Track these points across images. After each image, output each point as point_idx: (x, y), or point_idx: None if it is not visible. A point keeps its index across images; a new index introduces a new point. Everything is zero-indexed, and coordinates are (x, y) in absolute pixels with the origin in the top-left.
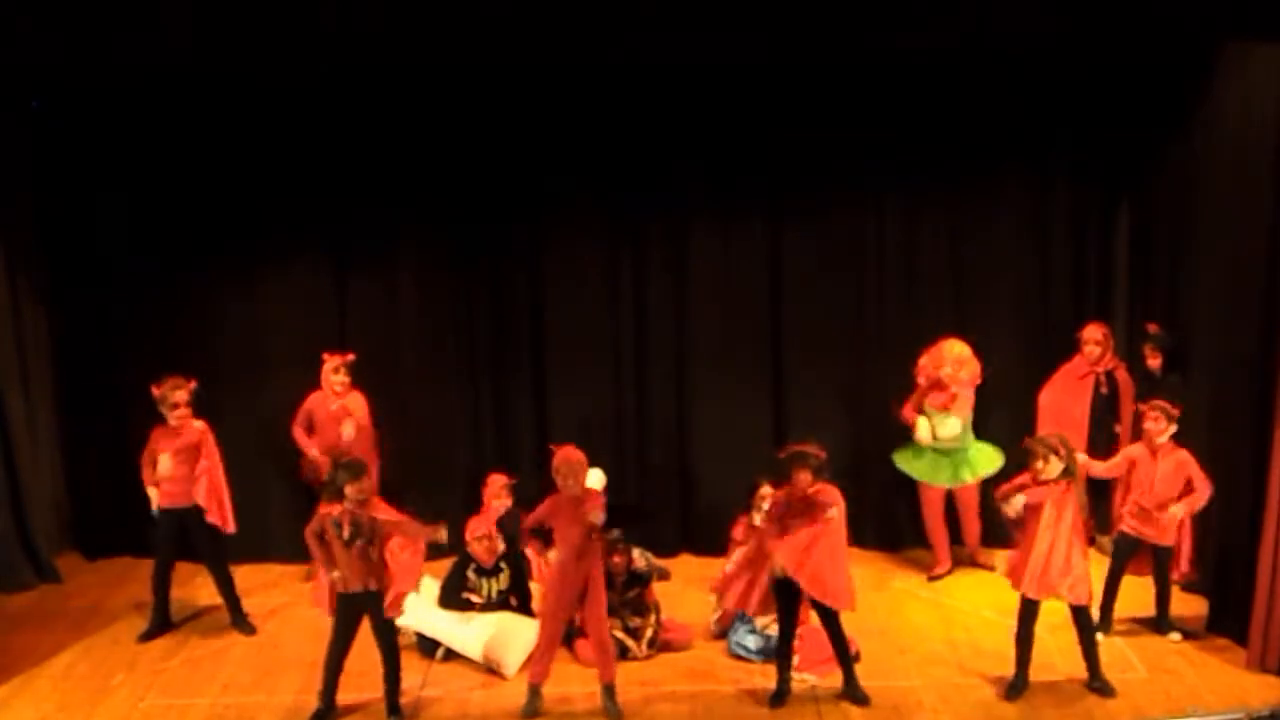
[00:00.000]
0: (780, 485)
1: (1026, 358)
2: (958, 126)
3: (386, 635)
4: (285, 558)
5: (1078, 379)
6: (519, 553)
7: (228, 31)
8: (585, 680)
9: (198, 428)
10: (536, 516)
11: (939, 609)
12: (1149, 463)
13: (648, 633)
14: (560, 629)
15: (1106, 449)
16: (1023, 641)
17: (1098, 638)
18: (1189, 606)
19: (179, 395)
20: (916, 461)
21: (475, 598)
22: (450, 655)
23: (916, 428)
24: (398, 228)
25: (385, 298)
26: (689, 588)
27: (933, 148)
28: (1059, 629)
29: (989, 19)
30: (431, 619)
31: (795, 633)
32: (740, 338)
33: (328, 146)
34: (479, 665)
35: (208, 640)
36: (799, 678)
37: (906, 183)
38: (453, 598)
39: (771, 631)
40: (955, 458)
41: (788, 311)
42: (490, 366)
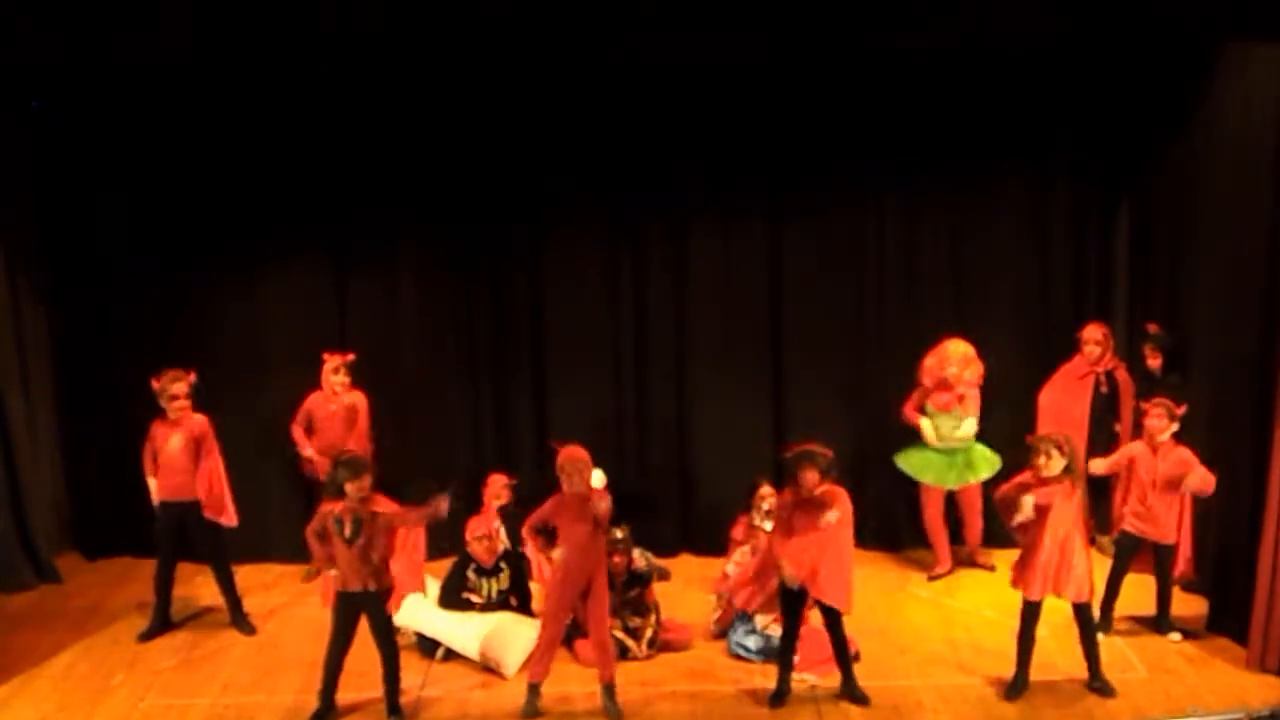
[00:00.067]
0: (786, 485)
1: (1026, 358)
2: (958, 126)
3: (386, 635)
4: (285, 558)
5: (1078, 379)
6: (519, 553)
7: (228, 31)
8: (585, 680)
9: (198, 420)
10: (540, 515)
11: (939, 609)
12: (1150, 460)
13: (648, 633)
14: (562, 629)
15: (1106, 449)
16: (1024, 641)
17: (1099, 638)
18: (1189, 606)
19: (178, 387)
20: (920, 463)
21: (475, 598)
22: (450, 655)
23: (923, 429)
24: (398, 228)
25: (385, 298)
26: (689, 588)
27: (933, 148)
28: (1059, 629)
29: (989, 19)
30: (431, 619)
31: (798, 634)
32: (740, 338)
33: (328, 146)
34: (479, 665)
35: (208, 640)
36: (799, 678)
37: (906, 183)
38: (453, 598)
39: (771, 631)
40: (958, 458)
41: (788, 311)
42: (490, 366)
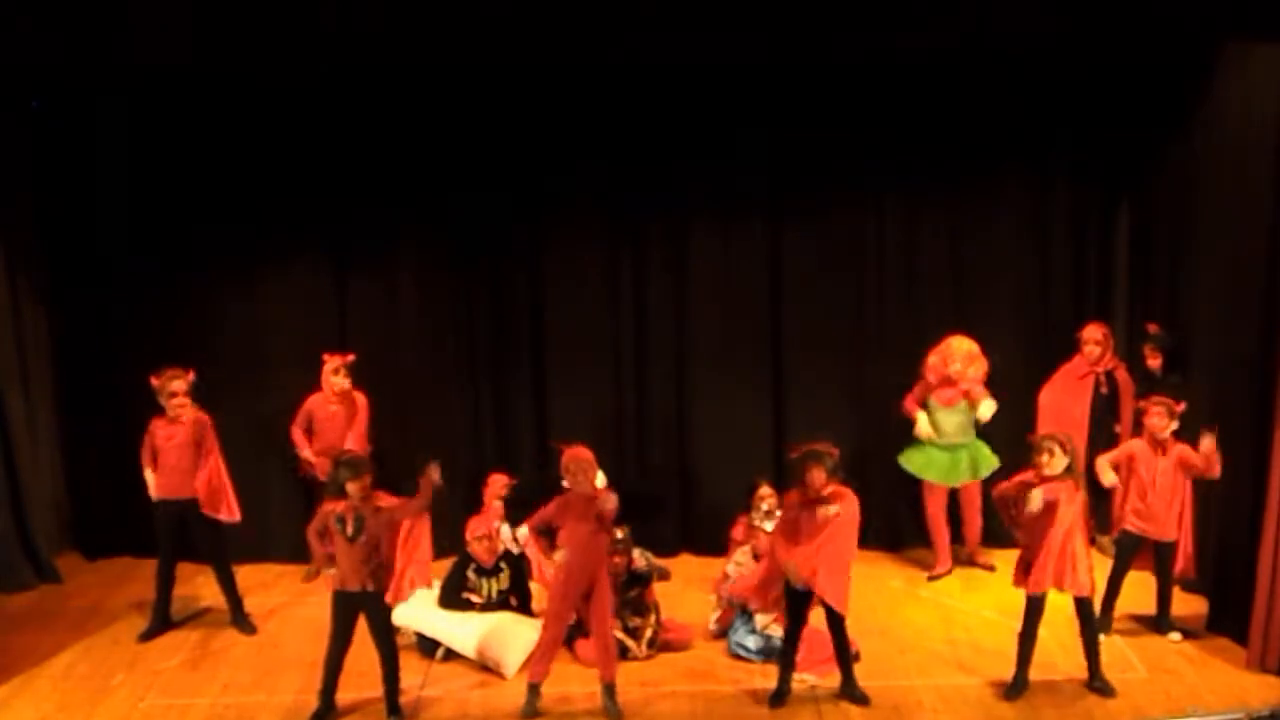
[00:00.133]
0: (794, 485)
1: (1026, 358)
2: (958, 126)
3: (385, 635)
4: (285, 558)
5: (1078, 379)
6: (519, 553)
7: (228, 31)
8: (585, 680)
9: (198, 418)
10: (544, 516)
11: (939, 609)
12: (1151, 458)
13: (648, 633)
14: (564, 629)
15: (1106, 449)
16: (1026, 640)
17: (1099, 637)
18: (1189, 606)
19: (177, 385)
20: (923, 461)
21: (475, 598)
22: (450, 655)
23: (917, 422)
24: (398, 228)
25: (385, 298)
26: (689, 588)
27: (933, 148)
28: (1059, 628)
29: (989, 19)
30: (431, 619)
31: (801, 634)
32: (740, 338)
33: (328, 146)
34: (479, 665)
35: (208, 640)
36: (799, 678)
37: (906, 183)
38: (453, 598)
39: (771, 631)
40: (962, 456)
41: (788, 311)
42: (490, 366)
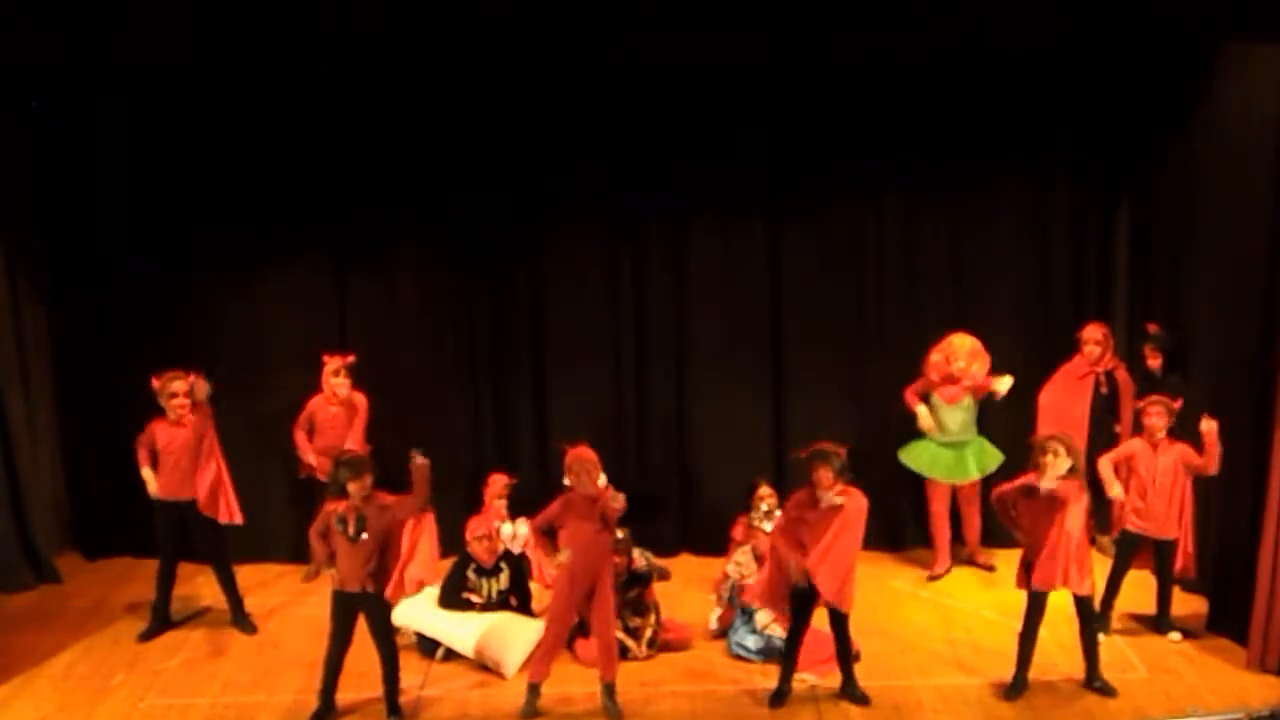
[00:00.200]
0: (801, 484)
1: (1026, 358)
2: (958, 126)
3: (385, 635)
4: (285, 558)
5: (1078, 379)
6: (519, 553)
7: (228, 31)
8: (585, 680)
9: (199, 419)
10: (546, 516)
11: (939, 609)
12: (1150, 457)
13: (647, 633)
14: (566, 630)
15: (1106, 449)
16: (1027, 639)
17: (1099, 637)
18: (1189, 606)
19: (177, 385)
20: (928, 459)
21: (475, 598)
22: (450, 655)
23: (919, 415)
24: (398, 228)
25: (385, 298)
26: (689, 588)
27: (933, 148)
28: (1059, 628)
29: (989, 19)
30: (431, 619)
31: (804, 634)
32: (740, 338)
33: (328, 146)
34: (479, 665)
35: (208, 640)
36: (799, 678)
37: (906, 183)
38: (453, 598)
39: (771, 631)
40: (967, 452)
41: (788, 311)
42: (490, 366)
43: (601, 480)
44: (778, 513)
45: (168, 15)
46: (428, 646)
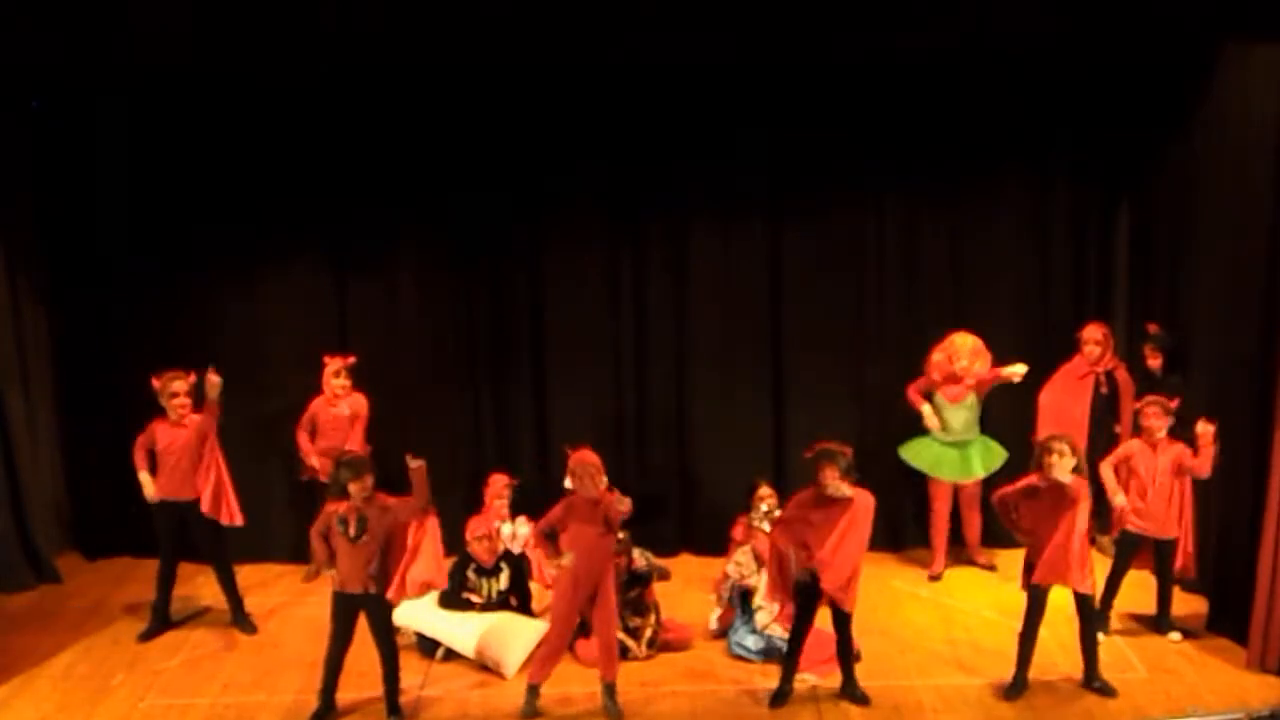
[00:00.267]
0: (807, 484)
1: (1026, 358)
2: (958, 126)
3: (386, 635)
4: (285, 558)
5: (1078, 379)
6: (519, 553)
7: (228, 31)
8: (585, 680)
9: (200, 419)
10: (549, 520)
11: (939, 609)
12: (1149, 458)
13: (647, 633)
14: (569, 633)
15: (1106, 449)
16: (1027, 639)
17: (1099, 637)
18: (1189, 606)
19: (178, 385)
20: (932, 459)
21: (475, 598)
22: (450, 655)
23: (925, 415)
24: (398, 228)
25: (385, 298)
26: (689, 588)
27: (933, 148)
28: (1059, 628)
29: (989, 19)
30: (431, 619)
31: (808, 634)
32: (740, 338)
33: (328, 146)
34: (479, 665)
35: (208, 640)
36: (799, 678)
37: (906, 183)
38: (453, 598)
39: (771, 631)
40: (969, 451)
41: (788, 311)
42: (490, 366)
43: (603, 484)
44: (778, 513)
45: (168, 15)
46: (428, 646)
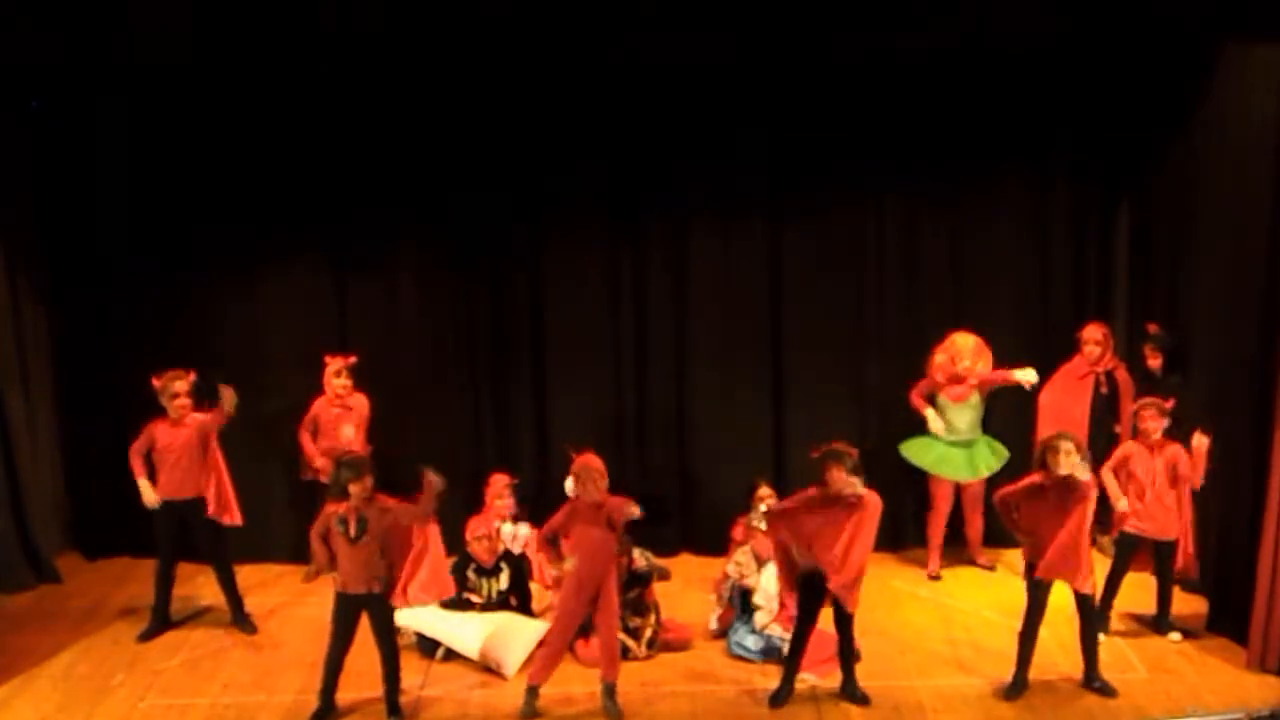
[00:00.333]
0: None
1: (1027, 358)
2: (958, 126)
3: (386, 635)
4: (285, 558)
5: (1078, 379)
6: (519, 553)
7: (228, 31)
8: (585, 680)
9: (199, 420)
10: (552, 524)
11: (939, 609)
12: (1147, 459)
13: (647, 633)
14: (571, 635)
15: (1106, 449)
16: (1027, 638)
17: (1099, 637)
18: (1189, 606)
19: (179, 385)
20: (935, 458)
21: (475, 598)
22: (450, 655)
23: (929, 419)
24: (398, 228)
25: (385, 298)
26: (689, 588)
27: (933, 148)
28: (1059, 628)
29: (989, 19)
30: (432, 619)
31: (810, 635)
32: (740, 338)
33: (328, 146)
34: (479, 665)
35: (208, 640)
36: (799, 678)
37: (906, 183)
38: (453, 598)
39: (771, 631)
40: (974, 450)
41: (788, 311)
42: (490, 366)
43: (605, 488)
44: None
45: (168, 15)
46: (428, 646)
